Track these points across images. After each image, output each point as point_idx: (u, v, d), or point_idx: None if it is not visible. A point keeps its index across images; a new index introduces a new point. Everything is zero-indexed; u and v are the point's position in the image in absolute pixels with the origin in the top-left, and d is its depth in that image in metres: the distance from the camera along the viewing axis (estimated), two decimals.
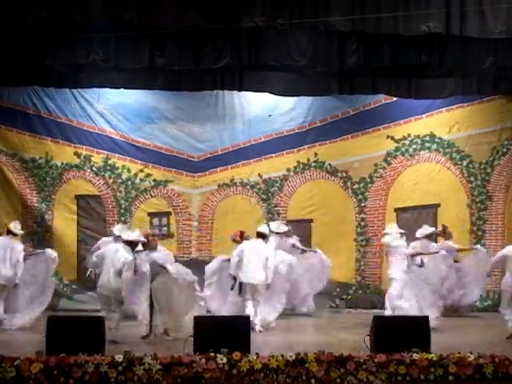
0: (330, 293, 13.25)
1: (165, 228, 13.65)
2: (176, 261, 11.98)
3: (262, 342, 8.61)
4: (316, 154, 13.95)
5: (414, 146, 13.84)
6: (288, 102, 13.67)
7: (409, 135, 13.85)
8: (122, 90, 12.99)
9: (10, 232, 11.04)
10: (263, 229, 11.29)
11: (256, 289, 10.63)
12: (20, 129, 13.45)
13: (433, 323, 8.65)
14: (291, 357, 6.75)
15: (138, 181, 13.77)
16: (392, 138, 13.88)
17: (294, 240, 12.48)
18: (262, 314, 10.63)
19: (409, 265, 10.79)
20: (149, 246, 10.03)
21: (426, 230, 11.82)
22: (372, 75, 11.85)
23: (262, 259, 10.68)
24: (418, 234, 11.72)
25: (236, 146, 13.92)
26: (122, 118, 13.73)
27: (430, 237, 11.87)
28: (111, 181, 13.72)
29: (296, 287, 11.86)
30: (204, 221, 13.80)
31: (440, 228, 12.53)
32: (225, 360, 6.67)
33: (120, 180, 13.74)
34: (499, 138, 13.42)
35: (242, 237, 11.20)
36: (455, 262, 12.25)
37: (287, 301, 11.46)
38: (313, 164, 13.97)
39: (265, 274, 10.63)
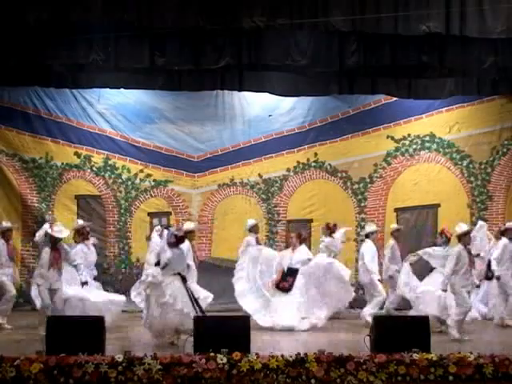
0: None
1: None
2: None
3: (261, 342, 8.60)
4: (316, 154, 13.96)
5: (414, 146, 13.85)
6: (288, 102, 13.68)
7: (409, 135, 13.86)
8: (122, 90, 13.02)
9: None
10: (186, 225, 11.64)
11: None
12: (20, 129, 13.45)
13: None
14: (291, 357, 6.76)
15: (138, 181, 13.77)
16: (392, 138, 13.89)
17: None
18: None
19: None
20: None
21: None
22: (372, 75, 11.85)
23: None
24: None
25: (236, 146, 13.92)
26: (122, 118, 13.74)
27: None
28: (111, 181, 13.73)
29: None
30: (204, 221, 13.80)
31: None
32: (225, 360, 6.67)
33: (120, 180, 13.75)
34: (499, 138, 13.44)
35: None
36: None
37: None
38: (313, 164, 13.98)
39: None
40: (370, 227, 11.87)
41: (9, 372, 6.56)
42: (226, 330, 7.10)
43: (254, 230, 12.45)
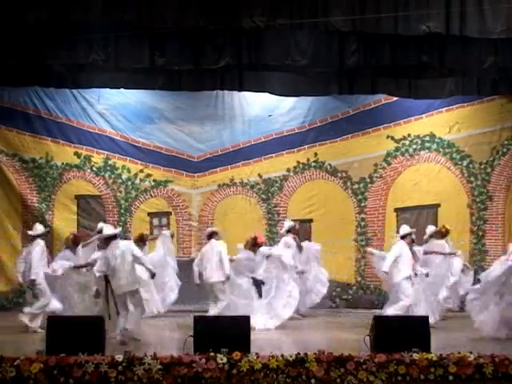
0: (330, 293, 13.22)
1: (165, 228, 13.64)
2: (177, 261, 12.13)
3: (261, 342, 8.60)
4: (316, 154, 13.97)
5: (414, 146, 13.85)
6: (288, 102, 13.68)
7: (409, 135, 13.87)
8: (122, 90, 13.02)
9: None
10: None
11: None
12: (20, 129, 13.46)
13: None
14: (291, 357, 6.75)
15: (138, 181, 13.79)
16: (392, 138, 13.90)
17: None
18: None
19: None
20: None
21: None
22: (372, 75, 11.85)
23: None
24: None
25: (236, 146, 13.93)
26: (122, 118, 13.75)
27: None
28: (111, 181, 13.74)
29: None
30: (204, 221, 13.81)
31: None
32: (225, 360, 6.67)
33: (120, 180, 13.76)
34: (499, 138, 13.43)
35: None
36: None
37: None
38: (313, 164, 13.98)
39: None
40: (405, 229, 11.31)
41: (9, 372, 6.56)
42: (226, 330, 7.11)
43: (293, 231, 12.27)
